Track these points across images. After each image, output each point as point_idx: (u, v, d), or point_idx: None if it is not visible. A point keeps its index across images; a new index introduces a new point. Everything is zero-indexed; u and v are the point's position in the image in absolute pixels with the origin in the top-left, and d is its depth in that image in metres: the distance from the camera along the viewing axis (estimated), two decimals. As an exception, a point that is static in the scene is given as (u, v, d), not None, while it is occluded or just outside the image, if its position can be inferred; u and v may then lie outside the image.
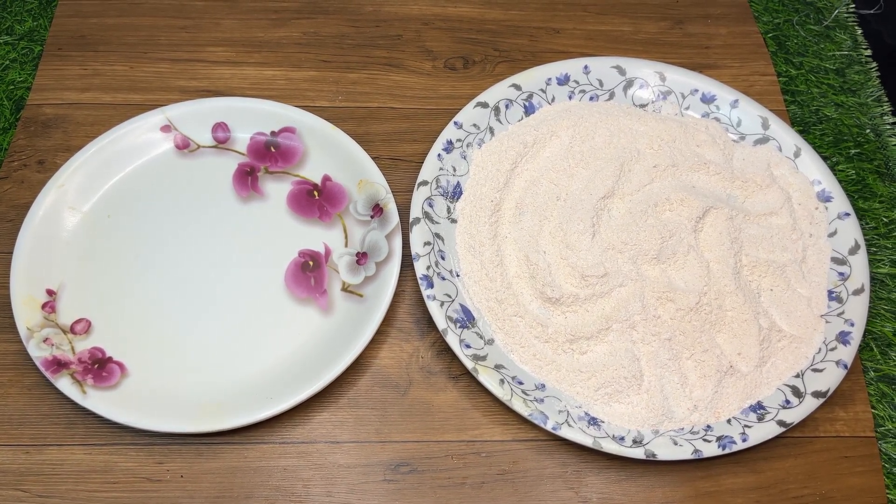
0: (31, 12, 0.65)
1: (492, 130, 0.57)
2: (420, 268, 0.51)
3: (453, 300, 0.50)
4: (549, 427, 0.46)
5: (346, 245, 0.54)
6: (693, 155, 0.57)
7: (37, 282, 0.50)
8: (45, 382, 0.48)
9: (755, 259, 0.53)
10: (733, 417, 0.48)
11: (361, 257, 0.53)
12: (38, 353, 0.48)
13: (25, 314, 0.49)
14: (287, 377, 0.48)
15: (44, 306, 0.50)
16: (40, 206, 0.53)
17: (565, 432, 0.46)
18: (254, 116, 0.57)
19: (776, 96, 0.63)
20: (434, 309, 0.49)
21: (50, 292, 0.51)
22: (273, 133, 0.57)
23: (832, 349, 0.50)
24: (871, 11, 0.69)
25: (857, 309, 0.51)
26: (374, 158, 0.56)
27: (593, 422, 0.47)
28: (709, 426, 0.48)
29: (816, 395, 0.48)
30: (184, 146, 0.57)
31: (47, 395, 0.48)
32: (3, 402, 0.48)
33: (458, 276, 0.52)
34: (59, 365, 0.47)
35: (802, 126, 0.62)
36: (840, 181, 0.59)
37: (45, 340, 0.48)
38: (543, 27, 0.66)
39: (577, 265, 0.51)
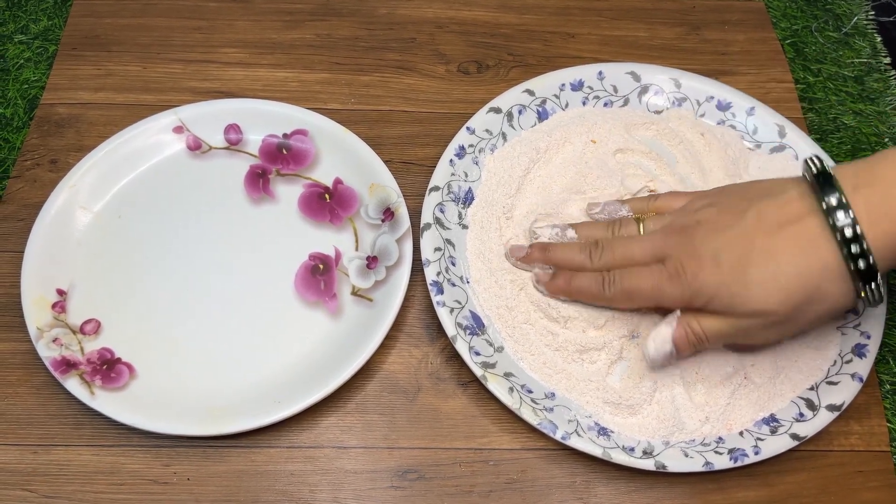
0: (46, 11, 0.65)
1: (504, 136, 0.57)
2: (430, 274, 0.50)
3: (463, 307, 0.50)
4: (558, 437, 0.46)
5: (356, 249, 0.54)
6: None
7: (47, 281, 0.51)
8: (53, 383, 0.48)
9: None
10: (746, 430, 0.47)
11: (372, 261, 0.53)
12: (47, 353, 0.48)
13: (35, 314, 0.49)
14: (295, 381, 0.48)
15: (54, 306, 0.50)
16: (52, 205, 0.53)
17: (574, 442, 0.46)
18: (266, 118, 0.57)
19: (793, 104, 0.63)
20: (444, 315, 0.49)
21: (60, 292, 0.51)
22: (285, 135, 0.57)
23: (848, 362, 0.49)
24: (891, 19, 0.68)
25: (874, 321, 0.50)
26: (385, 162, 0.55)
27: (603, 432, 0.47)
28: (720, 438, 0.47)
29: (831, 408, 0.47)
30: (195, 147, 0.57)
31: (55, 395, 0.48)
32: (12, 401, 0.48)
33: (468, 282, 0.51)
34: (67, 365, 0.47)
35: (820, 134, 0.61)
36: (857, 191, 0.58)
37: (55, 340, 0.48)
38: (558, 32, 0.66)
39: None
